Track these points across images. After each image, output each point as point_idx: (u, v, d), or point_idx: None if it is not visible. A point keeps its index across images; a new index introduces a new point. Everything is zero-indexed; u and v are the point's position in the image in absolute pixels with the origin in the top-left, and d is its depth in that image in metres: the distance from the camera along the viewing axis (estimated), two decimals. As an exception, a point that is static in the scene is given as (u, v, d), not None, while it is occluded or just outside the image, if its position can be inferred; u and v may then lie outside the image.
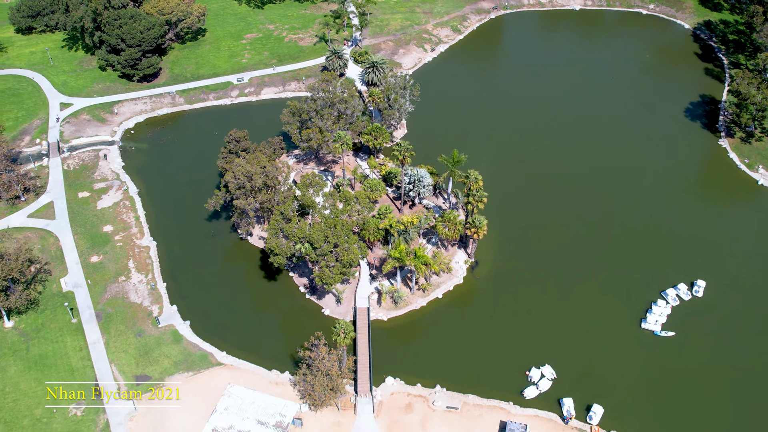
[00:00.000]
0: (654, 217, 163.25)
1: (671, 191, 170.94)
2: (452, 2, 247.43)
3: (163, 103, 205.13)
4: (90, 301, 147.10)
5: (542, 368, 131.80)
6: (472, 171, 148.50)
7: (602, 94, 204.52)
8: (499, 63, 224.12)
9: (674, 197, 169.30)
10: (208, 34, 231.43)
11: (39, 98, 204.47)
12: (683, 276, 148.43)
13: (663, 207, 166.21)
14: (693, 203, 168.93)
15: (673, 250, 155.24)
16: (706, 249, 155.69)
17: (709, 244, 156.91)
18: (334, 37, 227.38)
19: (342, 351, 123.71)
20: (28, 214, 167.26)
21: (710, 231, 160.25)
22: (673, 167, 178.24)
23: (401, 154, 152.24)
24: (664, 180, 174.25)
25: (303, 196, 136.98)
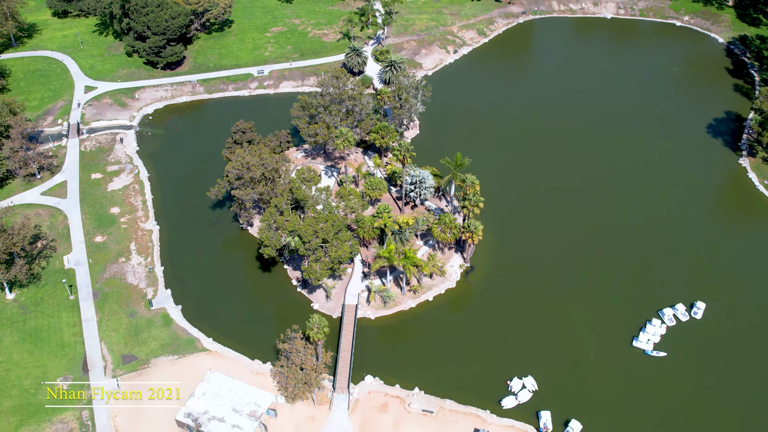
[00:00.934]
0: (661, 233, 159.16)
1: (684, 207, 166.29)
2: (481, 5, 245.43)
3: (184, 91, 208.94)
4: (89, 279, 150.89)
5: (524, 379, 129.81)
6: (468, 175, 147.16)
7: (624, 104, 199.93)
8: (522, 68, 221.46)
9: (686, 214, 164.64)
10: (234, 25, 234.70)
11: (66, 80, 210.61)
12: (683, 296, 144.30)
13: (672, 223, 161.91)
14: (705, 221, 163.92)
15: (677, 268, 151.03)
16: (712, 270, 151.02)
17: (716, 265, 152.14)
18: (358, 34, 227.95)
19: (318, 345, 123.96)
20: (42, 192, 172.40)
21: (719, 251, 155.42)
22: (689, 183, 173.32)
23: (401, 154, 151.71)
24: (678, 195, 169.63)
25: (297, 190, 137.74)
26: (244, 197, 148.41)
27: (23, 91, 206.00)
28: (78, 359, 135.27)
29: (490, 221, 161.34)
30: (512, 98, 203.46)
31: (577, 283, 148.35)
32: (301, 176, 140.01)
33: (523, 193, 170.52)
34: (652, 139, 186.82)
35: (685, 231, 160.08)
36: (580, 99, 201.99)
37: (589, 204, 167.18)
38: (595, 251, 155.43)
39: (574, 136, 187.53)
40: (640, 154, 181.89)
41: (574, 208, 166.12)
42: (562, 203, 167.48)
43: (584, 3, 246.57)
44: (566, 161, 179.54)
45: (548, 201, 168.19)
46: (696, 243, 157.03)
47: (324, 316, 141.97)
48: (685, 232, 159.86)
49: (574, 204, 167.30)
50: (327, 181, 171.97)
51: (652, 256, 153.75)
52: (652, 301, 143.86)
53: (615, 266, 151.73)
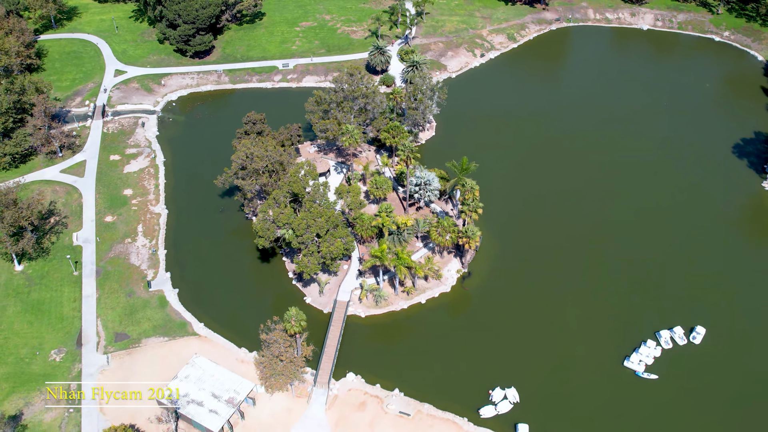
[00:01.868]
0: (670, 251, 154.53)
1: (698, 227, 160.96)
2: (514, 10, 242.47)
3: (209, 80, 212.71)
4: (94, 257, 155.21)
5: (507, 390, 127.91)
6: (469, 180, 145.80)
7: (649, 118, 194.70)
8: (548, 76, 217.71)
9: (699, 234, 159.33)
10: (265, 18, 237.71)
11: (98, 63, 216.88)
12: (684, 319, 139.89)
13: (684, 242, 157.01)
14: (718, 243, 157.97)
15: (682, 289, 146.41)
16: (719, 295, 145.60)
17: (724, 290, 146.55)
18: (386, 33, 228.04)
19: (297, 338, 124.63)
20: (61, 170, 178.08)
21: (729, 276, 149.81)
22: (707, 203, 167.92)
23: (405, 155, 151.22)
24: (694, 214, 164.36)
25: (293, 183, 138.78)
26: (246, 187, 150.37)
27: (57, 72, 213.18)
28: (74, 333, 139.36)
29: (496, 228, 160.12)
30: (534, 106, 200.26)
31: (575, 296, 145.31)
32: (298, 170, 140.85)
33: (532, 201, 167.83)
34: (673, 154, 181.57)
35: (695, 251, 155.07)
36: (604, 111, 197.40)
37: (598, 216, 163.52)
38: (599, 265, 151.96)
39: (593, 147, 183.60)
40: (658, 169, 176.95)
41: (583, 220, 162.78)
42: (571, 214, 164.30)
43: (621, 13, 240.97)
44: (581, 172, 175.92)
45: (557, 211, 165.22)
46: (705, 265, 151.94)
47: (314, 311, 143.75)
48: (696, 252, 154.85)
49: (582, 215, 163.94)
50: (336, 177, 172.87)
51: (657, 274, 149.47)
52: (651, 321, 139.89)
53: (617, 282, 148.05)
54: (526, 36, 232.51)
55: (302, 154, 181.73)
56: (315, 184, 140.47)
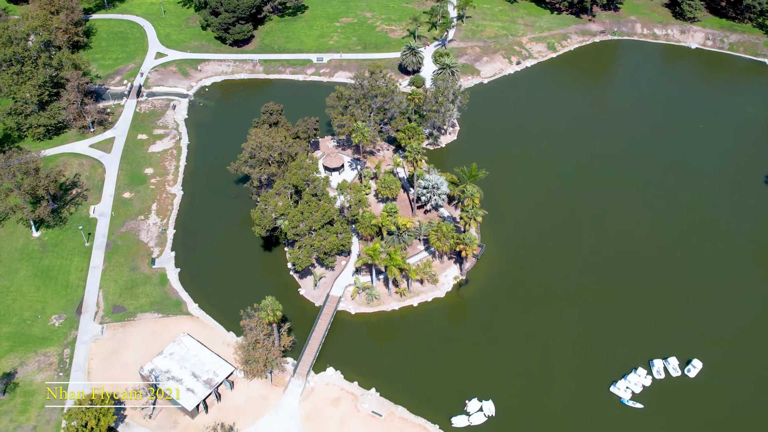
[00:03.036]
0: (679, 282, 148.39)
1: (715, 257, 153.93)
2: (559, 19, 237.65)
3: (244, 68, 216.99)
4: (107, 230, 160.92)
5: (484, 402, 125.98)
6: (470, 187, 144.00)
7: (682, 140, 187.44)
8: (583, 89, 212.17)
9: (716, 264, 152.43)
10: (307, 11, 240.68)
11: (141, 45, 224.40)
12: (682, 351, 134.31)
13: (695, 274, 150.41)
14: (735, 276, 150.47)
15: (684, 320, 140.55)
16: (723, 330, 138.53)
17: (729, 326, 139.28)
18: (424, 34, 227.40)
19: (274, 327, 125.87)
20: (90, 144, 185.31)
21: (737, 313, 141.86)
22: (729, 232, 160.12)
23: (411, 156, 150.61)
24: (713, 243, 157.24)
25: (293, 176, 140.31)
26: (254, 176, 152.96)
27: (102, 50, 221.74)
28: (76, 302, 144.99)
29: (503, 238, 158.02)
30: (563, 118, 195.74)
31: (571, 316, 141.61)
32: (300, 163, 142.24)
33: (545, 215, 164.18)
34: (699, 178, 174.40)
35: (705, 283, 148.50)
36: (636, 129, 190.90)
37: (610, 238, 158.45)
38: (601, 287, 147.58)
39: (617, 166, 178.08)
40: (685, 193, 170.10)
41: (594, 239, 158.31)
42: (582, 232, 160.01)
43: (670, 29, 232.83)
44: (599, 191, 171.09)
45: (568, 228, 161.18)
46: (714, 299, 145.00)
47: (307, 303, 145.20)
48: (706, 284, 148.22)
49: (594, 235, 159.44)
50: (350, 173, 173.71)
51: (660, 301, 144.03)
52: (646, 348, 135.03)
53: (617, 305, 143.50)
54: (567, 47, 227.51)
55: (321, 148, 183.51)
56: (315, 178, 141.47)
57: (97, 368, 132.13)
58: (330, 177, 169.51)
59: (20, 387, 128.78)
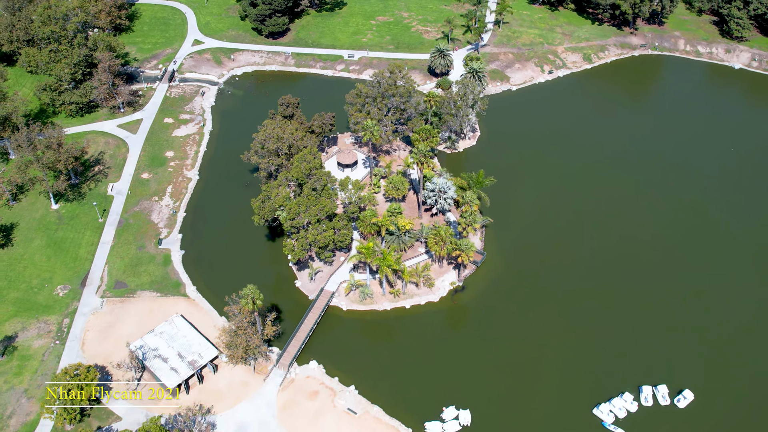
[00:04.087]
0: (682, 309, 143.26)
1: (723, 285, 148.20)
2: (599, 30, 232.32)
3: (276, 60, 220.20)
4: (121, 209, 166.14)
5: (461, 411, 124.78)
6: (468, 192, 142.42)
7: (709, 162, 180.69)
8: (614, 103, 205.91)
9: (723, 293, 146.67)
10: (345, 8, 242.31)
11: (181, 31, 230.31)
12: (673, 379, 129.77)
13: (701, 302, 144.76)
14: (740, 306, 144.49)
15: (681, 349, 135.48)
16: (721, 363, 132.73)
17: (727, 360, 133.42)
18: (458, 37, 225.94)
19: (256, 315, 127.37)
20: (118, 124, 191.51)
21: (737, 347, 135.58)
22: (742, 260, 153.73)
23: (416, 158, 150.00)
24: (723, 270, 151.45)
25: (295, 169, 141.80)
26: (262, 166, 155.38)
27: (143, 34, 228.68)
28: (81, 274, 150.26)
29: (508, 248, 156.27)
30: (588, 131, 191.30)
31: (564, 332, 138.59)
32: (302, 157, 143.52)
33: (554, 229, 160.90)
34: (723, 203, 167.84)
35: (715, 310, 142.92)
36: (663, 148, 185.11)
37: (617, 257, 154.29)
38: (600, 306, 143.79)
39: (637, 185, 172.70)
40: (702, 215, 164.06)
41: (599, 257, 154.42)
42: (589, 249, 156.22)
43: (715, 47, 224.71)
44: (614, 208, 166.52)
45: (576, 243, 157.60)
46: (716, 331, 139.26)
47: (301, 295, 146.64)
48: (711, 315, 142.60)
49: (601, 252, 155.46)
50: (363, 171, 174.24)
51: (659, 327, 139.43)
52: (636, 373, 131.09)
53: (613, 326, 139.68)
54: (603, 59, 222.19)
55: (339, 144, 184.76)
56: (317, 173, 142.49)
57: (92, 340, 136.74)
58: (342, 173, 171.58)
59: (18, 351, 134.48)
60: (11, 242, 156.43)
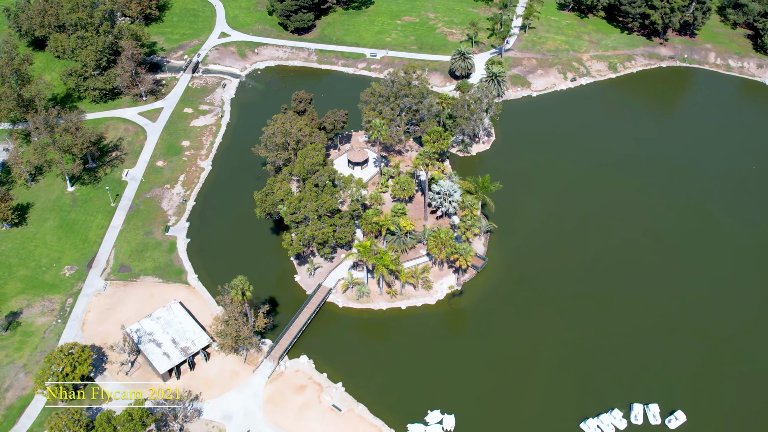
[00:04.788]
0: (687, 327, 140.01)
1: (728, 305, 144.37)
2: (628, 39, 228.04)
3: (299, 56, 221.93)
4: (134, 194, 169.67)
5: (445, 415, 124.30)
6: (468, 197, 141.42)
7: (727, 181, 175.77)
8: (635, 115, 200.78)
9: (728, 312, 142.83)
10: (372, 6, 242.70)
11: (209, 23, 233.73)
12: (667, 399, 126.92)
13: (704, 325, 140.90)
14: (746, 331, 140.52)
15: (678, 369, 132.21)
16: (720, 388, 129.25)
17: (727, 385, 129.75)
18: (483, 40, 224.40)
19: (245, 306, 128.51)
20: (139, 112, 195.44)
21: (737, 374, 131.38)
22: (751, 280, 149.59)
23: (422, 160, 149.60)
24: (731, 289, 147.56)
25: (298, 164, 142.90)
26: (269, 159, 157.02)
27: (172, 25, 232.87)
28: (89, 256, 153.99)
29: (512, 255, 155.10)
30: (606, 143, 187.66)
31: (559, 344, 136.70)
32: (306, 153, 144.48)
33: (560, 239, 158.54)
34: (736, 222, 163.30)
35: (717, 333, 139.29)
36: (681, 164, 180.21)
37: (621, 271, 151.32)
38: (598, 319, 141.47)
39: (649, 200, 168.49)
40: (713, 234, 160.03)
41: (605, 268, 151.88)
42: (593, 261, 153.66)
43: (747, 62, 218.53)
44: (628, 219, 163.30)
45: (581, 255, 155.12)
46: (718, 354, 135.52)
47: (299, 290, 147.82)
48: (717, 335, 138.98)
49: (606, 263, 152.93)
50: (373, 169, 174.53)
51: (657, 345, 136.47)
52: (629, 389, 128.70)
53: (610, 340, 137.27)
54: (629, 68, 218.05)
55: (352, 142, 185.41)
56: (318, 169, 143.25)
57: (92, 321, 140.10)
58: (353, 171, 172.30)
59: (21, 327, 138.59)
60: (26, 221, 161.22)
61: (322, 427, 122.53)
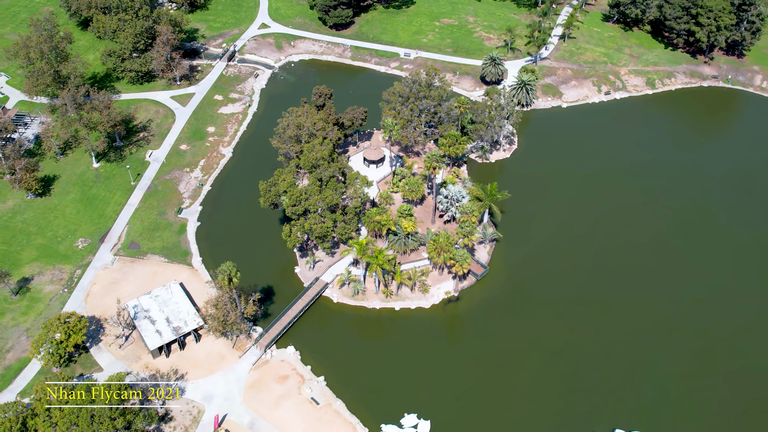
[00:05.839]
0: (683, 359, 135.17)
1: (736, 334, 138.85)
2: (671, 56, 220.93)
3: (333, 51, 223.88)
4: (154, 175, 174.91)
5: (422, 420, 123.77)
6: (467, 203, 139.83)
7: (749, 210, 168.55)
8: (667, 135, 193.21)
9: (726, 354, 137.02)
10: (413, 6, 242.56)
11: (251, 14, 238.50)
12: (652, 427, 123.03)
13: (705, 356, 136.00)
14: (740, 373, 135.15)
15: (671, 397, 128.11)
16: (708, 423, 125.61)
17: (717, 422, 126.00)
18: (520, 47, 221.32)
19: (233, 291, 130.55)
20: (171, 96, 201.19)
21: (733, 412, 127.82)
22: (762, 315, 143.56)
23: (429, 164, 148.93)
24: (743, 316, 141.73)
25: (304, 157, 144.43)
26: (281, 151, 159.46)
27: (216, 13, 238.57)
28: (102, 231, 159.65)
29: (514, 264, 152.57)
30: (632, 161, 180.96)
31: (548, 362, 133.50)
32: (312, 146, 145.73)
33: (566, 252, 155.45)
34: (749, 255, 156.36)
35: (713, 369, 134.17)
36: (704, 192, 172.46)
37: (624, 296, 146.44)
38: (593, 341, 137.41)
39: (677, 234, 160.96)
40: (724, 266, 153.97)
41: (609, 292, 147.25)
42: (599, 283, 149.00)
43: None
44: (637, 246, 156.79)
45: (589, 275, 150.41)
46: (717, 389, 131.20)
47: (296, 281, 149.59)
48: (716, 371, 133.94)
49: (612, 288, 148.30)
50: (388, 168, 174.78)
51: (648, 373, 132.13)
52: (617, 414, 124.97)
53: (600, 362, 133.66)
54: (668, 86, 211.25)
55: (373, 140, 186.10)
56: (329, 165, 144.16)
57: (96, 293, 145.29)
58: (368, 169, 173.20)
59: (30, 293, 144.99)
60: (50, 193, 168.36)
61: (297, 418, 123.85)
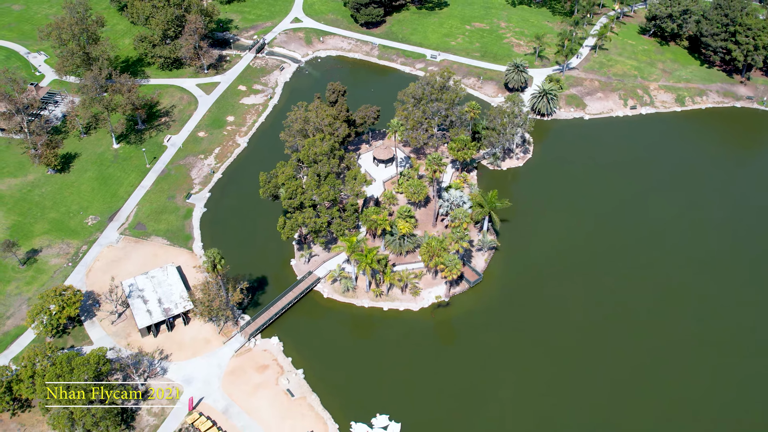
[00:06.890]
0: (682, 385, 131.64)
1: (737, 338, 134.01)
2: (705, 73, 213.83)
3: (361, 49, 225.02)
4: (169, 159, 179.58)
5: (392, 422, 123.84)
6: (462, 209, 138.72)
7: None
8: (690, 153, 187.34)
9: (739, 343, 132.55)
10: (446, 9, 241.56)
11: (285, 8, 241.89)
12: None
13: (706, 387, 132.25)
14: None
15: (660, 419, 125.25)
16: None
17: None
18: (549, 55, 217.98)
19: (219, 278, 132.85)
20: (197, 83, 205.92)
21: None
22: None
23: (431, 167, 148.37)
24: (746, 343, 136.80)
25: (304, 152, 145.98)
26: (287, 144, 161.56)
27: (252, 6, 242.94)
28: (112, 210, 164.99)
29: (510, 275, 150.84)
30: (644, 178, 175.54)
31: (534, 374, 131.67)
32: (312, 142, 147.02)
33: (564, 268, 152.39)
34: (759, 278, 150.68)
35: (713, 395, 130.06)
36: (725, 223, 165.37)
37: (620, 319, 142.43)
38: (584, 364, 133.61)
39: (689, 256, 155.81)
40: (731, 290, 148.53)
41: (602, 313, 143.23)
42: (598, 302, 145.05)
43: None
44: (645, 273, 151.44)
45: (588, 292, 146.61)
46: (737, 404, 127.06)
47: (290, 273, 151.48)
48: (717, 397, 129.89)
49: (606, 309, 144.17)
50: (396, 169, 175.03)
51: (642, 395, 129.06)
52: None
53: (589, 383, 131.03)
54: (698, 104, 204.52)
55: (386, 139, 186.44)
56: (321, 159, 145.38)
57: (97, 269, 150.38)
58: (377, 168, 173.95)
59: (37, 264, 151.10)
60: (69, 169, 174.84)
61: (270, 408, 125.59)
